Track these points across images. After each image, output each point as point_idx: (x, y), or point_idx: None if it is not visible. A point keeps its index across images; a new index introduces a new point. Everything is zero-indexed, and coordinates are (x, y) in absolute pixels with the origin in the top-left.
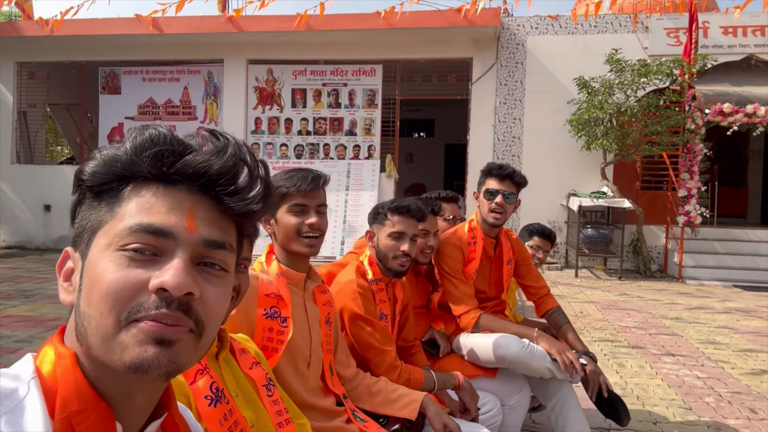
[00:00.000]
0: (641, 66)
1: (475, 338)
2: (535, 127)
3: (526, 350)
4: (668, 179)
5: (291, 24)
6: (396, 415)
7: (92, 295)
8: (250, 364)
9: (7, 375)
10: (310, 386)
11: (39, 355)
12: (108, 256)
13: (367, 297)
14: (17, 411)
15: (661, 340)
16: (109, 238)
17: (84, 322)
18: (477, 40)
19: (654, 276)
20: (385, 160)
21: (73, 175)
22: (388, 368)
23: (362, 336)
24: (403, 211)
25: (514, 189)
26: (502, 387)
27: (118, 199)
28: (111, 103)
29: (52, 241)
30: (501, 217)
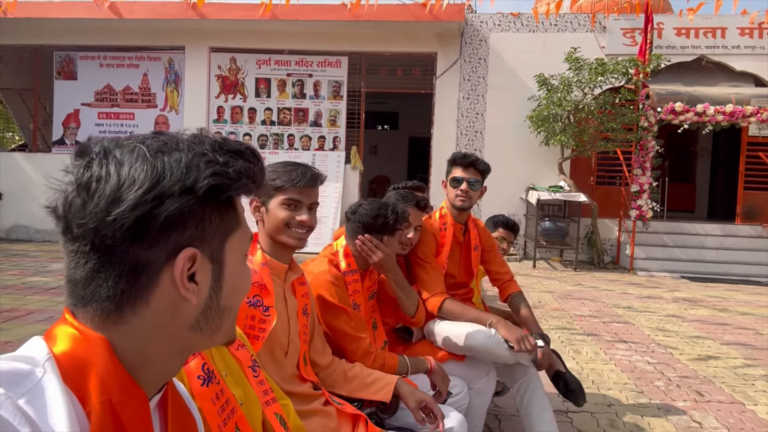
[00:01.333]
0: (598, 65)
1: (444, 325)
2: (496, 122)
3: (491, 339)
4: (622, 175)
5: (255, 12)
6: (371, 398)
7: (239, 293)
8: (236, 345)
9: (20, 357)
10: (287, 374)
11: (50, 336)
12: (244, 262)
13: (339, 286)
14: (36, 392)
15: (614, 328)
16: (243, 246)
17: (223, 315)
18: (441, 35)
19: (607, 267)
20: (350, 151)
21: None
22: (363, 354)
23: (336, 324)
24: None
25: (478, 176)
26: (470, 371)
27: (235, 206)
28: (66, 88)
29: (4, 230)
30: (467, 201)
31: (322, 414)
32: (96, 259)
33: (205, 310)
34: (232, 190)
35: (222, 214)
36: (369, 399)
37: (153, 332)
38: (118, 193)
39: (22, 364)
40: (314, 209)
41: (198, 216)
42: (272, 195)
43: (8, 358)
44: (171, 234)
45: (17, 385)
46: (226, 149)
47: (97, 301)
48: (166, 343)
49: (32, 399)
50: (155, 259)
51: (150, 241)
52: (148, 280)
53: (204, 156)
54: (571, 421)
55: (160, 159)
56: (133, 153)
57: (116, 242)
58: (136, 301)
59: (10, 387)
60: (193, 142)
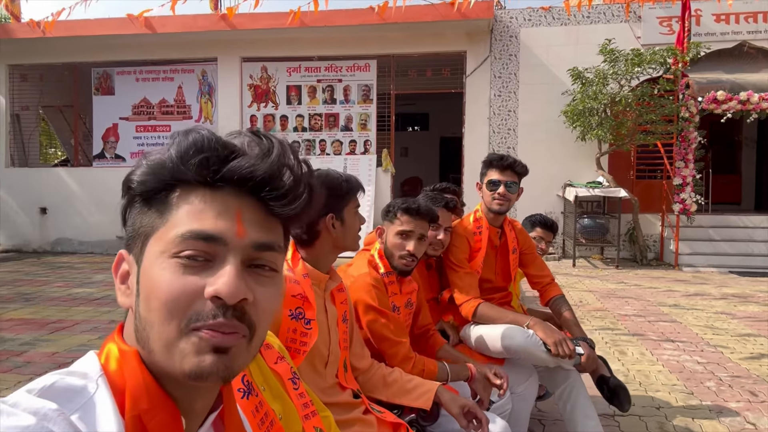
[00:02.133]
0: (634, 55)
1: (481, 329)
2: (529, 119)
3: (530, 340)
4: (663, 168)
5: (284, 21)
6: (411, 405)
7: (151, 302)
8: (275, 358)
9: (75, 373)
10: (327, 384)
11: (102, 352)
12: (163, 264)
13: (380, 289)
14: (88, 408)
15: (661, 327)
16: (162, 245)
17: (146, 327)
18: (470, 33)
19: (650, 264)
20: (381, 154)
21: (68, 177)
22: (402, 359)
23: (376, 328)
24: (413, 212)
25: (515, 178)
26: (510, 375)
27: (168, 205)
28: (104, 103)
29: (49, 243)
30: (505, 204)
31: (362, 423)
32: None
33: (136, 319)
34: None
35: (143, 214)
36: (409, 405)
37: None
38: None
39: (76, 379)
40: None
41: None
42: (344, 205)
43: (64, 374)
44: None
45: (70, 401)
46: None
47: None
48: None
49: (84, 415)
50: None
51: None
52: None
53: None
54: (619, 425)
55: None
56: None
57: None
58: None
59: (64, 403)
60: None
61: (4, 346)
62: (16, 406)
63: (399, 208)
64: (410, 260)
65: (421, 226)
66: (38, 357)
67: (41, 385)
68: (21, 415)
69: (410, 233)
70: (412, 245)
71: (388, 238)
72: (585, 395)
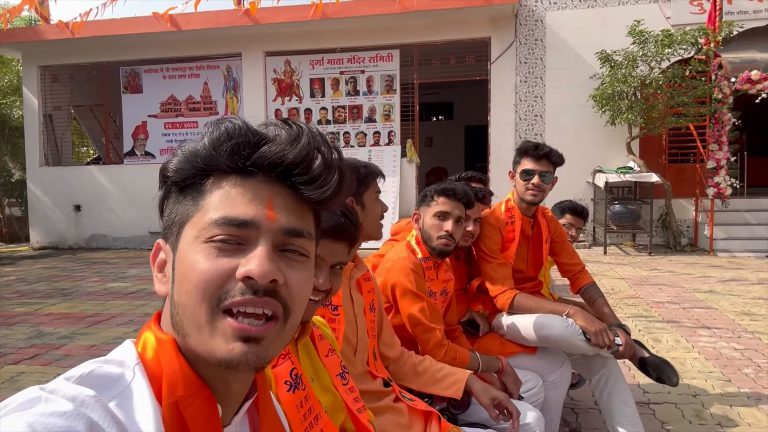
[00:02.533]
0: (665, 36)
1: (517, 318)
2: (557, 104)
3: (569, 329)
4: (696, 151)
5: (306, 14)
6: (442, 394)
7: (184, 286)
8: (327, 351)
9: (112, 361)
10: (357, 372)
11: (139, 341)
12: (196, 248)
13: (418, 273)
14: (126, 395)
15: (696, 314)
16: (196, 230)
17: (179, 312)
18: (494, 18)
19: (684, 250)
20: (405, 145)
21: (100, 175)
22: (435, 345)
23: (412, 312)
24: (449, 193)
25: (550, 168)
26: (543, 363)
27: (201, 192)
28: (133, 102)
29: (84, 239)
30: (539, 195)
31: (392, 411)
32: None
33: (171, 305)
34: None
35: (178, 203)
36: (439, 395)
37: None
38: None
39: (114, 367)
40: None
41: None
42: (365, 190)
43: (101, 362)
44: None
45: (108, 389)
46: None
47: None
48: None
49: (122, 402)
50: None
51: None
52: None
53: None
54: (654, 413)
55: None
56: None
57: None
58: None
59: (102, 390)
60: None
61: (43, 339)
62: (54, 393)
63: (435, 191)
64: (449, 240)
65: (457, 207)
66: (76, 350)
67: (79, 372)
68: (59, 401)
69: (447, 214)
70: (450, 225)
71: (425, 221)
72: (622, 382)
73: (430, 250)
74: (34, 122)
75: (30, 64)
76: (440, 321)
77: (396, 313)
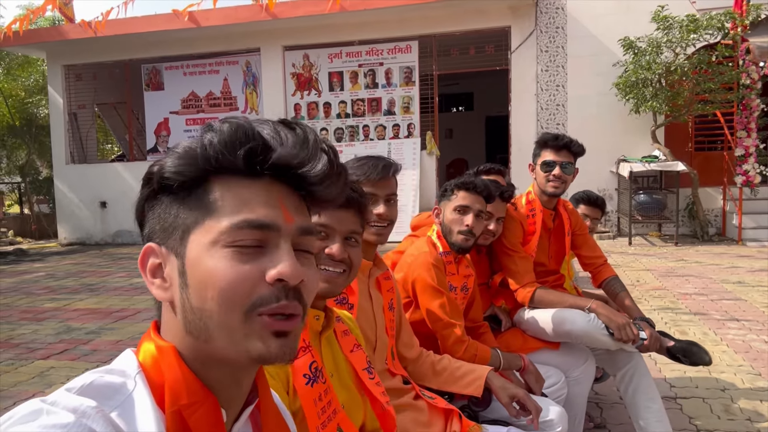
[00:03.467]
0: (690, 22)
1: (538, 313)
2: (579, 93)
3: (592, 323)
4: (723, 138)
5: (324, 7)
6: (462, 392)
7: (207, 292)
8: (352, 346)
9: (113, 371)
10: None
11: (140, 350)
12: (217, 253)
13: (440, 269)
14: (127, 405)
15: (724, 306)
16: (212, 235)
17: (203, 318)
18: (514, 7)
19: (712, 240)
20: (425, 137)
21: (125, 172)
22: (455, 342)
23: (432, 307)
24: (469, 187)
25: (571, 158)
26: (566, 359)
27: (206, 194)
28: (155, 99)
29: (110, 235)
30: (561, 187)
31: (412, 408)
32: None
33: (184, 312)
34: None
35: (180, 206)
36: (460, 393)
37: (172, 334)
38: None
39: (115, 377)
40: (393, 201)
41: (157, 208)
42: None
43: (102, 372)
44: (144, 227)
45: (110, 399)
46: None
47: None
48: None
49: (123, 412)
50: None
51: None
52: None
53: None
54: (681, 408)
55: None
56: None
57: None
58: (158, 303)
59: (104, 400)
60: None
61: (71, 335)
62: (55, 405)
63: (455, 185)
64: (469, 235)
65: (478, 201)
66: (103, 345)
67: (80, 383)
68: (60, 413)
69: (467, 208)
70: (470, 219)
71: (445, 215)
72: (648, 377)
73: (450, 245)
74: (59, 120)
75: (54, 63)
76: (460, 317)
77: (416, 308)
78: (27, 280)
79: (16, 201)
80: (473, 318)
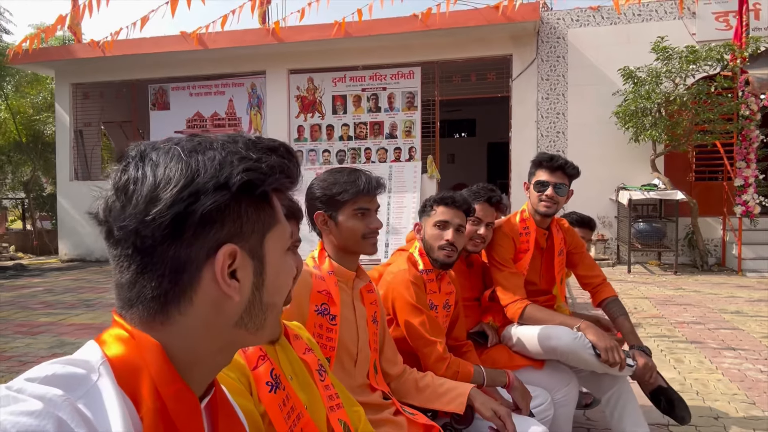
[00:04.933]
0: (689, 53)
1: (524, 329)
2: (579, 121)
3: (578, 341)
4: (723, 169)
5: (329, 32)
6: (444, 409)
7: (283, 289)
8: (303, 349)
9: (75, 362)
10: (356, 384)
11: (104, 340)
12: (286, 257)
13: (419, 286)
14: (92, 394)
15: (721, 335)
16: (283, 241)
17: (267, 311)
18: (516, 36)
19: (711, 270)
20: (426, 161)
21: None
22: (437, 359)
23: (412, 325)
24: (448, 202)
25: (565, 180)
26: (550, 379)
27: (271, 203)
28: (161, 118)
29: None
30: (553, 207)
31: (392, 424)
32: (138, 261)
33: (249, 307)
34: (266, 185)
35: (259, 211)
36: (442, 410)
37: (199, 330)
38: (154, 193)
39: (77, 368)
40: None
41: (235, 212)
42: (340, 207)
43: (64, 362)
44: (209, 231)
45: (75, 389)
46: (260, 146)
47: (143, 302)
48: (212, 340)
49: (89, 402)
50: (195, 256)
51: (189, 239)
52: (190, 278)
53: (237, 153)
54: None
55: (194, 158)
56: (168, 154)
57: (156, 242)
58: (180, 301)
59: (69, 390)
60: (227, 141)
61: (64, 349)
62: (21, 392)
63: (434, 200)
64: (450, 250)
65: (457, 215)
66: None
67: (43, 374)
68: (28, 400)
69: (447, 223)
70: (450, 234)
71: (426, 231)
72: (634, 402)
73: (432, 261)
74: (65, 138)
75: (63, 81)
76: (441, 334)
77: (396, 326)
78: (25, 294)
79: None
80: (456, 336)
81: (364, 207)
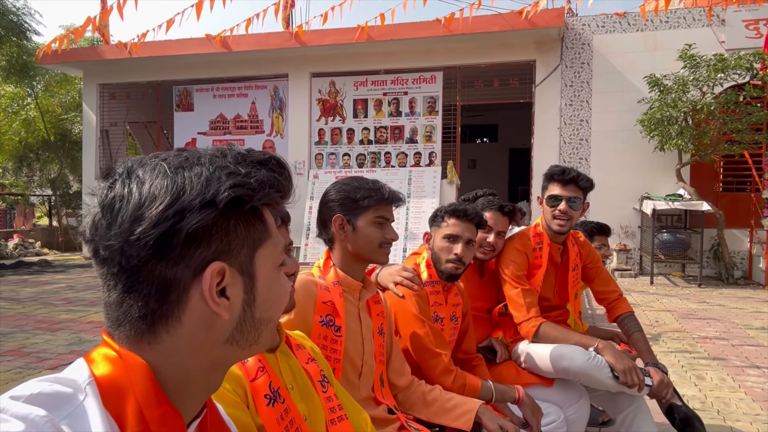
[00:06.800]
0: (718, 61)
1: (536, 347)
2: (603, 128)
3: (591, 362)
4: (751, 180)
5: (352, 36)
6: (451, 425)
7: (277, 305)
8: (306, 359)
9: (62, 380)
10: (361, 397)
11: (93, 360)
12: (278, 273)
13: (422, 298)
14: (77, 415)
15: (745, 351)
16: (274, 257)
17: (260, 326)
18: (540, 41)
19: (737, 283)
20: (446, 166)
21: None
22: (442, 372)
23: (416, 337)
24: (460, 214)
25: (579, 194)
26: (560, 396)
27: (262, 218)
28: (185, 119)
29: None
30: (566, 224)
31: None
32: (125, 280)
33: (240, 324)
34: (255, 201)
35: (249, 226)
36: (449, 425)
37: (188, 349)
38: (139, 212)
39: (64, 387)
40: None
41: (223, 229)
42: (361, 212)
43: (52, 380)
44: (196, 249)
45: (59, 409)
46: (249, 160)
47: (130, 321)
48: (202, 359)
49: (73, 423)
50: (182, 275)
51: (175, 258)
52: (177, 297)
53: (225, 168)
54: None
55: (180, 174)
56: (154, 170)
57: (142, 261)
58: (168, 320)
59: (53, 410)
60: (215, 155)
61: (82, 346)
62: (4, 412)
63: (446, 212)
64: (458, 264)
65: (468, 229)
66: None
67: (28, 392)
68: (10, 420)
69: (457, 237)
70: (460, 248)
71: (435, 242)
72: (650, 422)
73: (439, 272)
74: (91, 137)
75: (90, 82)
76: (446, 346)
77: (400, 338)
78: (47, 290)
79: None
80: (466, 350)
81: (385, 216)
